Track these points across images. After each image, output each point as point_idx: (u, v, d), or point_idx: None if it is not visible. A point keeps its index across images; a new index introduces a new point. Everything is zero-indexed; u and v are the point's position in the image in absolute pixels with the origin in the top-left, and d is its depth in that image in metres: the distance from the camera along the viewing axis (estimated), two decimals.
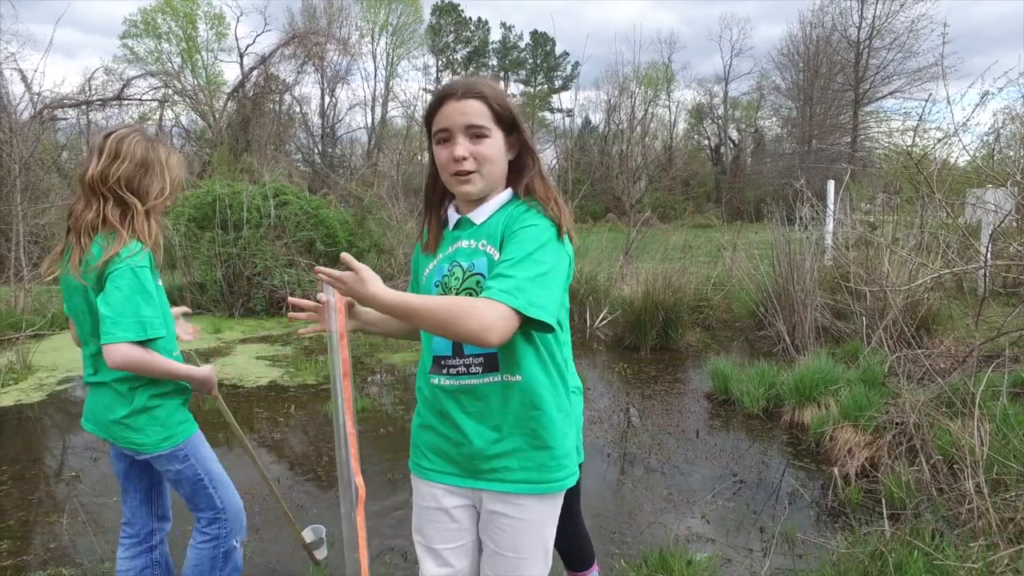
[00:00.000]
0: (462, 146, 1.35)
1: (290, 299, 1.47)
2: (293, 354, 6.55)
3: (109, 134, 1.83)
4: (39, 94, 13.70)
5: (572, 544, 2.12)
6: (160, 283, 1.86)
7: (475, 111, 1.36)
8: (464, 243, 1.42)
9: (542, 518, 1.43)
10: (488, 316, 1.18)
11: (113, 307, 1.70)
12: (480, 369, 1.37)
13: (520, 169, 1.45)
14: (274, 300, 8.45)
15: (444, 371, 1.41)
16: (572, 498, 2.05)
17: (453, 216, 1.47)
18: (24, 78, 13.61)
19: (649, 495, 3.43)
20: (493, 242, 1.38)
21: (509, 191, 1.45)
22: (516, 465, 1.40)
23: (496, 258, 1.36)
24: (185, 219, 8.51)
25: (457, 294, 1.38)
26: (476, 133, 1.36)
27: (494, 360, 1.37)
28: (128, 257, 1.73)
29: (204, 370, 1.92)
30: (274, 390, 5.39)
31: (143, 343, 1.73)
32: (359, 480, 1.43)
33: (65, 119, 16.78)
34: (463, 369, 1.38)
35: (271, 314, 8.42)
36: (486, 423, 1.39)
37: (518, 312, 1.20)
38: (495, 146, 1.38)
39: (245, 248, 8.40)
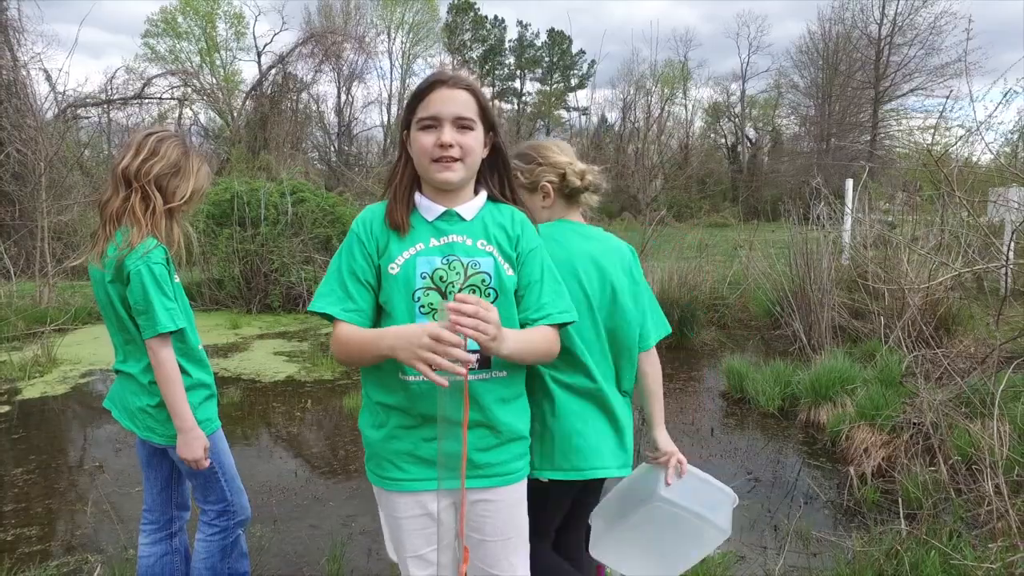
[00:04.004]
0: (449, 134, 1.35)
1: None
2: (310, 350, 6.62)
3: (151, 133, 1.92)
4: (63, 93, 13.97)
5: None
6: (178, 279, 1.91)
7: (464, 101, 1.38)
8: (457, 237, 1.41)
9: (520, 496, 1.50)
10: (557, 340, 1.46)
11: (137, 305, 1.80)
12: (475, 365, 1.35)
13: (491, 169, 1.50)
14: (291, 296, 8.54)
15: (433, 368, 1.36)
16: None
17: (432, 206, 1.43)
18: (49, 78, 13.89)
19: None
20: (493, 243, 1.42)
21: (484, 191, 1.49)
22: (498, 459, 1.43)
23: (501, 262, 1.41)
24: (204, 216, 8.62)
25: (460, 289, 1.37)
26: (463, 124, 1.37)
27: (487, 357, 1.37)
28: (144, 253, 1.80)
29: (199, 433, 1.85)
30: (291, 385, 5.45)
31: (169, 337, 1.82)
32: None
33: (87, 118, 17.09)
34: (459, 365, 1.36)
35: (288, 310, 8.51)
36: (473, 421, 1.37)
37: (557, 325, 1.44)
38: (478, 139, 1.41)
39: (263, 245, 8.50)
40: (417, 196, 1.45)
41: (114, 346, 1.96)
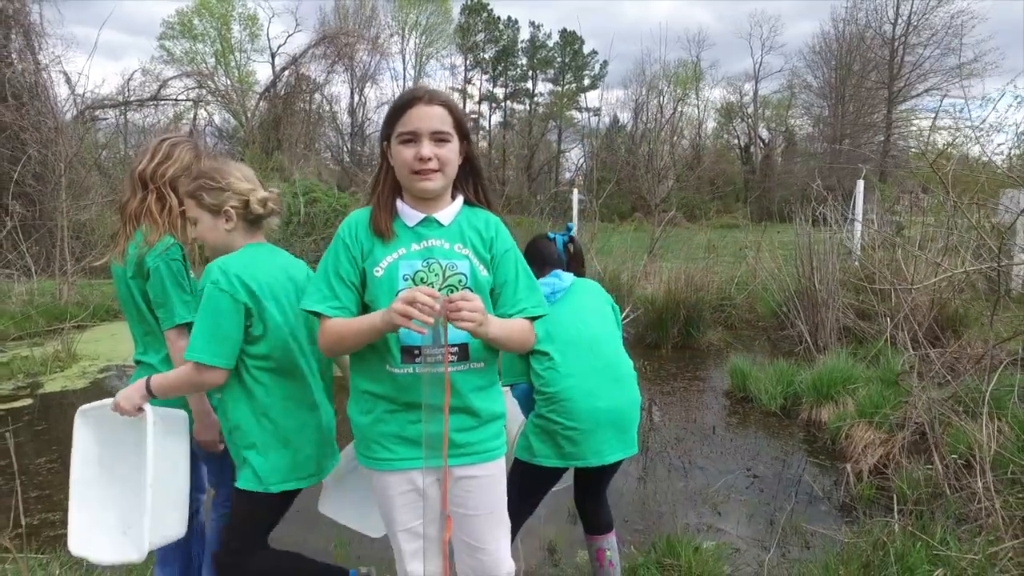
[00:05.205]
0: (428, 147, 1.47)
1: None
2: None
3: (166, 138, 2.05)
4: (82, 95, 14.24)
5: (605, 510, 2.30)
6: (193, 275, 2.02)
7: (441, 116, 1.49)
8: (436, 242, 1.53)
9: (500, 473, 1.61)
10: (533, 331, 1.61)
11: (156, 298, 1.93)
12: (455, 358, 1.49)
13: (465, 176, 1.61)
14: None
15: (418, 360, 1.48)
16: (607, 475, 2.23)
17: (412, 213, 1.54)
18: (68, 80, 14.17)
19: (665, 488, 3.51)
20: (469, 247, 1.54)
21: (460, 197, 1.60)
22: (478, 439, 1.55)
23: (476, 263, 1.53)
24: None
25: (440, 289, 1.49)
26: (440, 137, 1.49)
27: (467, 350, 1.51)
28: (163, 250, 1.92)
29: (214, 418, 1.94)
30: None
31: (186, 328, 1.92)
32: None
33: (105, 119, 17.39)
34: (440, 358, 1.46)
35: None
36: (454, 406, 1.49)
37: (533, 318, 1.59)
38: (454, 151, 1.52)
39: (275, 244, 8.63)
40: (399, 203, 1.56)
41: (134, 338, 2.07)
